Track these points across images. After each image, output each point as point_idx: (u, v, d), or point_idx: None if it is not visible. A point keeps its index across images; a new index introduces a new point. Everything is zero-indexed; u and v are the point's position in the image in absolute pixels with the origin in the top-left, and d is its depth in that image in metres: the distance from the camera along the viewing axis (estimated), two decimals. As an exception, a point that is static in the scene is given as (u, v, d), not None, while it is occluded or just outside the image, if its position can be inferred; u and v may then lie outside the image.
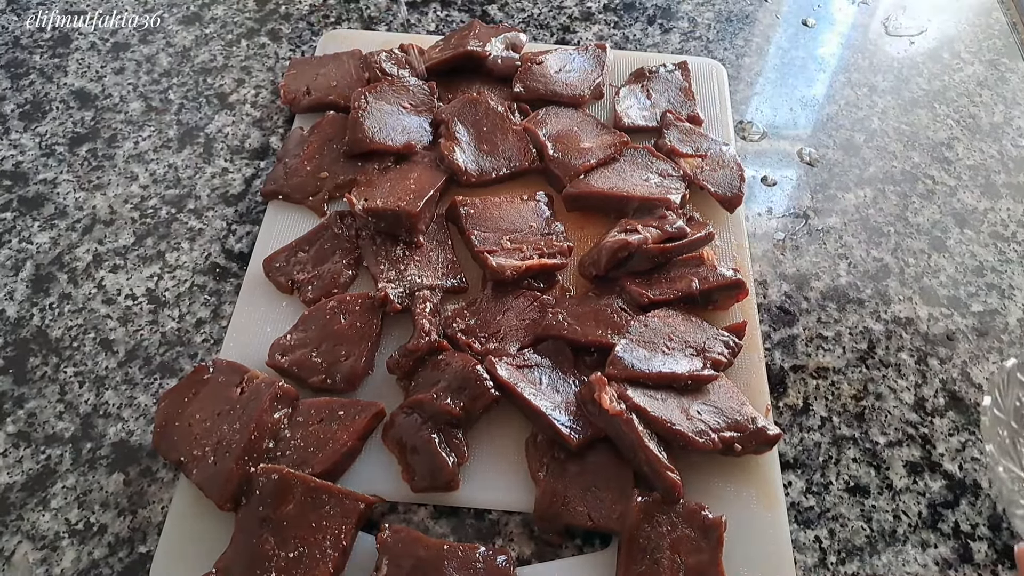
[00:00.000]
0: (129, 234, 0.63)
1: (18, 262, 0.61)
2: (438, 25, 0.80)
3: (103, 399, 0.54)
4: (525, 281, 0.57)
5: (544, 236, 0.59)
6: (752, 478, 0.50)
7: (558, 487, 0.48)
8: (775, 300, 0.61)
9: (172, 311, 0.58)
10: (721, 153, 0.64)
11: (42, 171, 0.66)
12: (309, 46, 0.77)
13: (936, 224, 0.67)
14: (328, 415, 0.50)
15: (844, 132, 0.73)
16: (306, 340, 0.54)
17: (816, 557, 0.49)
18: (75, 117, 0.70)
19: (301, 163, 0.65)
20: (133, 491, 0.50)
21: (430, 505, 0.50)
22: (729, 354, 0.54)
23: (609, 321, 0.54)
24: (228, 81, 0.74)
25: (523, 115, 0.67)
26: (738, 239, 0.62)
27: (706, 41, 0.80)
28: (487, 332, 0.55)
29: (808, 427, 0.54)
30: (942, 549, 0.50)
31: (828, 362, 0.58)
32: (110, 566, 0.47)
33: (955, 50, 0.81)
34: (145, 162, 0.67)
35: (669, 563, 0.45)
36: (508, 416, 0.52)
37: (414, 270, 0.58)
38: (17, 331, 0.57)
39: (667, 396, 0.50)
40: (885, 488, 0.52)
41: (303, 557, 0.44)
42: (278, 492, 0.46)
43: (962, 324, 0.60)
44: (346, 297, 0.56)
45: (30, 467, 0.51)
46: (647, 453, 0.47)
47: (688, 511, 0.46)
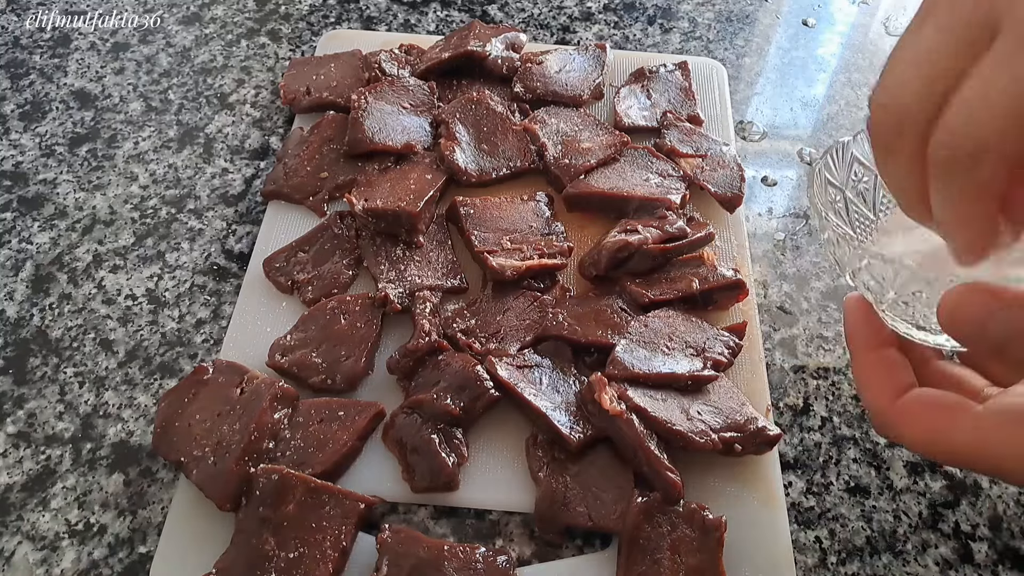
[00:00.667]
0: (129, 234, 0.63)
1: (18, 262, 0.61)
2: (438, 25, 0.80)
3: (103, 399, 0.54)
4: (525, 281, 0.57)
5: (544, 236, 0.59)
6: (752, 478, 0.50)
7: (558, 487, 0.48)
8: (775, 300, 0.61)
9: (172, 311, 0.58)
10: (721, 153, 0.64)
11: (42, 171, 0.66)
12: (309, 46, 0.77)
13: (936, 224, 0.67)
14: (328, 415, 0.50)
15: (844, 132, 0.73)
16: (306, 340, 0.54)
17: (816, 557, 0.49)
18: (75, 117, 0.70)
19: (301, 163, 0.64)
20: (133, 491, 0.50)
21: (430, 505, 0.50)
22: (729, 354, 0.53)
23: (609, 321, 0.54)
24: (228, 81, 0.74)
25: (523, 115, 0.67)
26: (738, 239, 0.62)
27: (706, 41, 0.80)
28: (487, 332, 0.55)
29: (808, 427, 0.54)
30: (942, 549, 0.50)
31: (828, 362, 0.58)
32: (110, 566, 0.47)
33: (955, 50, 0.81)
34: (145, 162, 0.67)
35: (669, 563, 0.45)
36: (508, 416, 0.52)
37: (414, 270, 0.58)
38: (17, 331, 0.57)
39: (667, 396, 0.50)
40: (885, 488, 0.52)
41: (303, 557, 0.44)
42: (278, 492, 0.46)
43: (962, 324, 0.60)
44: (346, 297, 0.56)
45: (30, 467, 0.51)
46: (647, 453, 0.47)
47: (688, 511, 0.46)
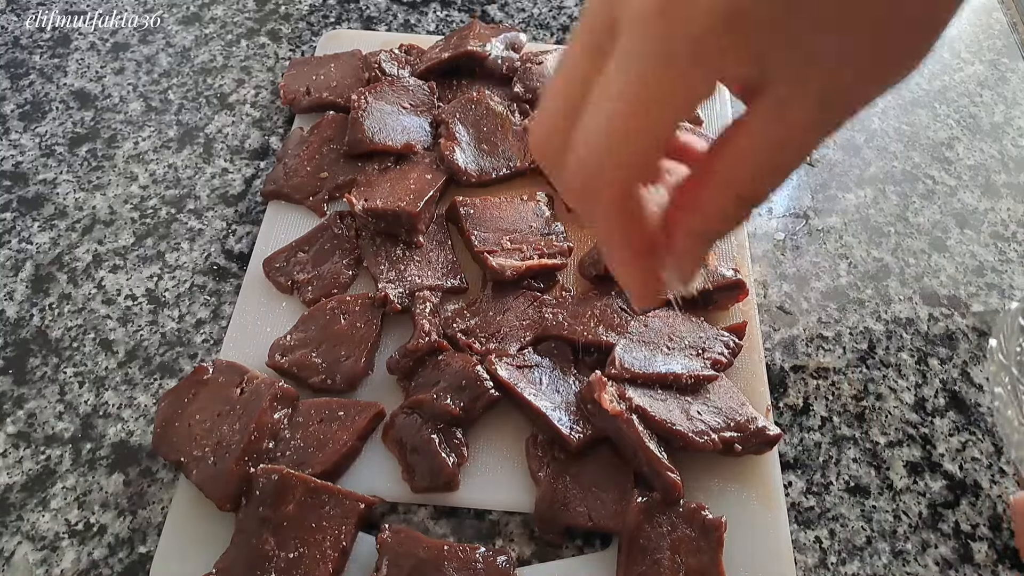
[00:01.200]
0: (129, 234, 0.63)
1: (18, 262, 0.61)
2: (438, 25, 0.80)
3: (103, 399, 0.54)
4: (525, 281, 0.57)
5: (544, 236, 0.59)
6: (752, 478, 0.50)
7: (558, 487, 0.48)
8: (775, 300, 0.61)
9: (172, 311, 0.58)
10: (721, 153, 0.64)
11: (42, 171, 0.66)
12: (309, 46, 0.77)
13: (936, 224, 0.67)
14: (328, 415, 0.50)
15: (844, 132, 0.73)
16: (306, 340, 0.54)
17: (816, 557, 0.49)
18: (75, 117, 0.70)
19: (301, 163, 0.64)
20: (133, 492, 0.50)
21: (430, 505, 0.50)
22: (729, 354, 0.53)
23: (609, 321, 0.54)
24: (228, 81, 0.74)
25: (523, 115, 0.67)
26: (738, 239, 0.62)
27: (706, 41, 0.80)
28: (487, 332, 0.55)
29: (808, 427, 0.54)
30: (943, 549, 0.49)
31: (828, 362, 0.58)
32: (110, 567, 0.47)
33: (955, 50, 0.81)
34: (145, 162, 0.67)
35: (669, 563, 0.45)
36: (508, 416, 0.52)
37: (414, 270, 0.58)
38: (17, 331, 0.57)
39: (667, 396, 0.50)
40: (885, 488, 0.52)
41: (303, 557, 0.44)
42: (278, 492, 0.46)
43: (962, 324, 0.60)
44: (346, 297, 0.56)
45: (30, 467, 0.51)
46: (647, 453, 0.47)
47: (688, 511, 0.46)
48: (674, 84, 0.23)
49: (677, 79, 0.23)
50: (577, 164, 0.25)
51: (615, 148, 0.24)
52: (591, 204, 0.26)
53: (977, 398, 0.56)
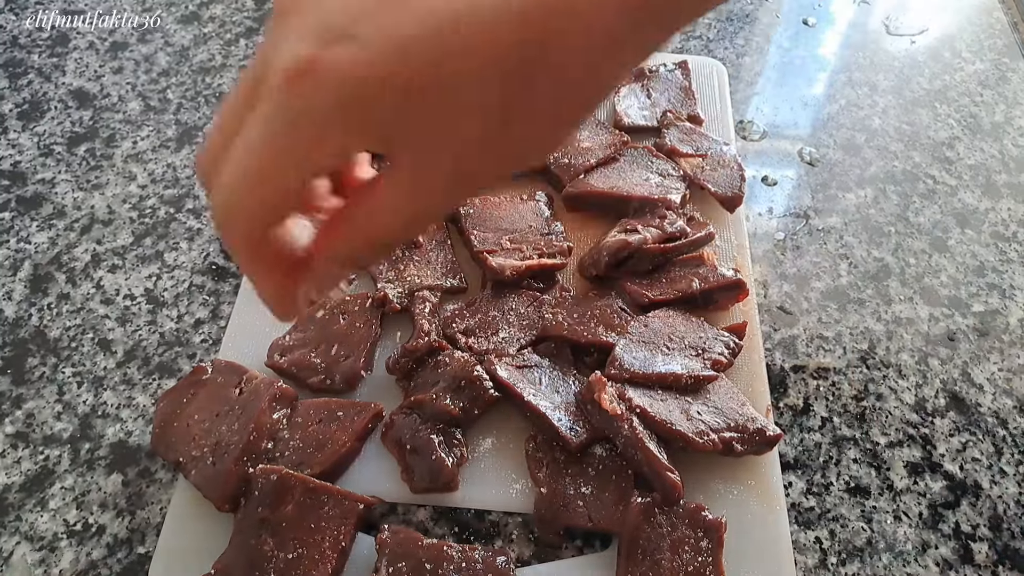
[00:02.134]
0: (127, 234, 0.62)
1: (16, 262, 0.61)
2: (438, 24, 0.80)
3: (101, 399, 0.54)
4: (525, 281, 0.57)
5: (544, 236, 0.59)
6: (752, 478, 0.50)
7: (558, 487, 0.48)
8: (775, 300, 0.61)
9: (171, 311, 0.58)
10: (721, 153, 0.64)
11: (40, 171, 0.66)
12: (308, 45, 0.77)
13: (937, 224, 0.67)
14: (327, 416, 0.50)
15: (845, 132, 0.73)
16: (305, 340, 0.54)
17: (816, 558, 0.49)
18: (73, 117, 0.70)
19: (300, 163, 0.64)
20: (132, 492, 0.50)
21: (430, 506, 0.49)
22: (729, 354, 0.53)
23: (609, 321, 0.54)
24: (227, 81, 0.73)
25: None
26: (738, 239, 0.62)
27: (706, 40, 0.80)
28: (487, 332, 0.55)
29: (808, 427, 0.54)
30: (943, 550, 0.49)
31: (828, 362, 0.58)
32: (108, 567, 0.47)
33: (956, 49, 0.81)
34: (143, 162, 0.67)
35: (669, 564, 0.45)
36: (508, 416, 0.52)
37: (414, 270, 0.58)
38: (15, 331, 0.57)
39: (667, 396, 0.50)
40: (886, 489, 0.52)
41: (302, 558, 0.44)
42: (277, 493, 0.45)
43: (963, 324, 0.60)
44: (345, 297, 0.56)
45: (28, 468, 0.51)
46: (647, 453, 0.46)
47: (688, 511, 0.46)
48: (297, 150, 0.26)
49: (300, 146, 0.26)
50: (218, 194, 0.28)
51: (246, 190, 0.27)
52: (230, 231, 0.29)
53: (978, 398, 0.56)
